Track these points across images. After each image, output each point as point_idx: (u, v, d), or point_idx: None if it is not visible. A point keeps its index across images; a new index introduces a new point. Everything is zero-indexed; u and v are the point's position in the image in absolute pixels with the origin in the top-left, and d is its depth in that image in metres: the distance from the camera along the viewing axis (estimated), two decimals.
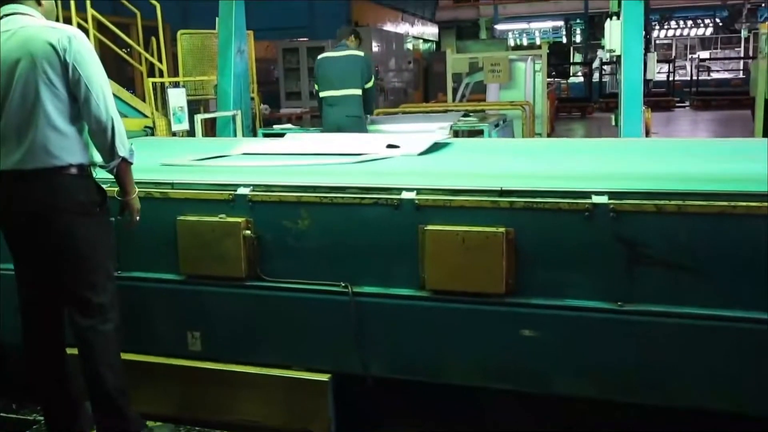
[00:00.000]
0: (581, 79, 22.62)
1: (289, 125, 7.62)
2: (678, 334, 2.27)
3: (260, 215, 2.70)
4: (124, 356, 2.60)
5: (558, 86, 20.85)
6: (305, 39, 13.38)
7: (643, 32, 5.40)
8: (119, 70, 10.38)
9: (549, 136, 11.33)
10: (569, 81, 22.87)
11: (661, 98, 21.62)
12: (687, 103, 21.86)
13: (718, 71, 24.01)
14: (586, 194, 2.35)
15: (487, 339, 2.49)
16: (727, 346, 2.24)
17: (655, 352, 2.31)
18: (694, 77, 23.10)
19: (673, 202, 2.25)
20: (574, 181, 2.50)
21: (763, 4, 23.19)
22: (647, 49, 5.54)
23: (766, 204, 2.14)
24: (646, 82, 5.48)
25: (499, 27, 25.94)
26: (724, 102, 19.25)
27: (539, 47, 16.71)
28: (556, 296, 2.39)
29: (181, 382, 2.86)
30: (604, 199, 2.32)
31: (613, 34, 5.31)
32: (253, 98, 7.70)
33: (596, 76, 21.99)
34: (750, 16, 24.08)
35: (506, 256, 2.39)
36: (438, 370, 2.60)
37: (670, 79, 22.99)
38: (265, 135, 6.96)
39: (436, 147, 3.57)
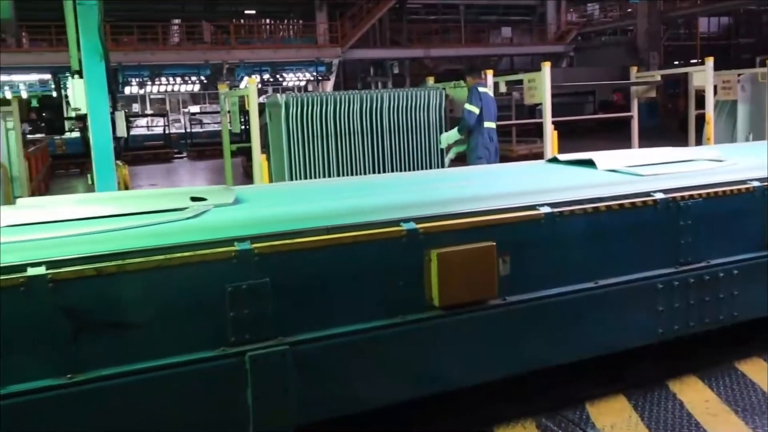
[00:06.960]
0: (78, 134, 21.78)
1: None
2: (131, 392, 2.29)
3: None
4: None
5: (52, 142, 19.63)
6: None
7: (110, 91, 5.43)
8: None
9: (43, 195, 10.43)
10: (65, 137, 21.74)
11: (159, 150, 22.55)
12: (184, 154, 23.31)
13: (209, 123, 26.20)
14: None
15: None
16: (180, 390, 2.36)
17: (113, 419, 2.27)
18: (188, 129, 24.80)
19: (113, 263, 2.27)
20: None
21: (239, 65, 26.44)
22: (115, 108, 5.60)
23: (189, 254, 2.35)
24: (117, 139, 5.53)
25: None
26: (217, 151, 21.10)
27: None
28: None
29: None
30: (41, 270, 2.20)
31: (77, 92, 5.20)
32: None
33: None
34: (229, 74, 27.07)
35: None
36: None
37: (167, 132, 24.17)
38: None
39: None
